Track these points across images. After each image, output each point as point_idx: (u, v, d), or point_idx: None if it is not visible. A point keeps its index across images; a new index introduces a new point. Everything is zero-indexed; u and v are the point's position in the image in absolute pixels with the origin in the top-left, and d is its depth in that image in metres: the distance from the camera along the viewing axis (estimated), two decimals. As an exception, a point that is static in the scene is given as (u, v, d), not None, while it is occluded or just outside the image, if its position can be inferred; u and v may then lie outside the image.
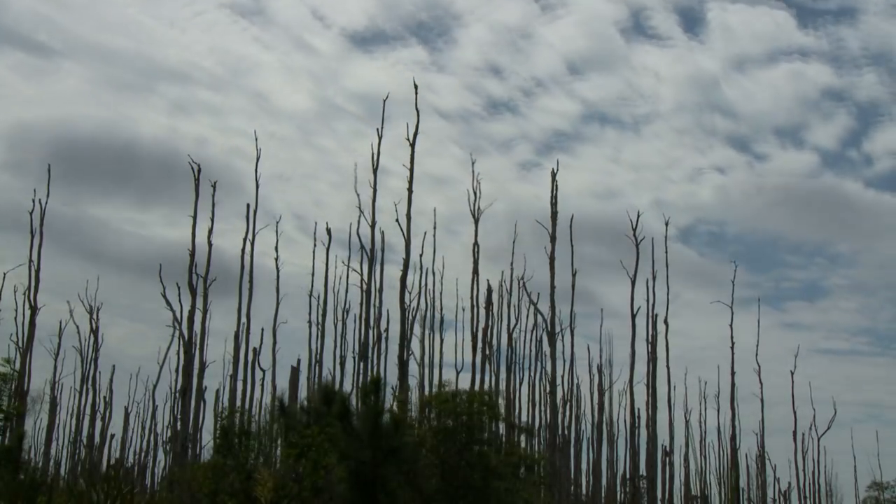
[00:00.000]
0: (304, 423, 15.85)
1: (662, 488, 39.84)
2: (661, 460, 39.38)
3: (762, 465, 45.15)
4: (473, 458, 14.81)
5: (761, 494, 46.71)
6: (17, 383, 29.08)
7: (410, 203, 26.41)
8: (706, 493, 48.68)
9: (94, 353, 39.19)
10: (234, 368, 30.76)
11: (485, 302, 33.71)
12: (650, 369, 32.58)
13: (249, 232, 30.22)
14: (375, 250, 28.70)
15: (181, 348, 28.98)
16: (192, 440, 28.95)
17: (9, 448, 16.00)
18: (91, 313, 37.73)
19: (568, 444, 38.55)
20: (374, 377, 19.52)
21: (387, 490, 13.76)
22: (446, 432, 14.93)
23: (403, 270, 26.48)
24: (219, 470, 18.04)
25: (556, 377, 30.02)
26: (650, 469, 34.38)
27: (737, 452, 39.25)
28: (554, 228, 29.39)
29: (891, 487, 50.43)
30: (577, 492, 42.10)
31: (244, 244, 30.19)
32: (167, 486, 25.33)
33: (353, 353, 32.93)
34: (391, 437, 13.84)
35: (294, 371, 32.70)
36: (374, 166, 27.46)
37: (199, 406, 29.07)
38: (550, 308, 29.49)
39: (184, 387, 27.83)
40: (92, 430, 41.72)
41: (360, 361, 29.85)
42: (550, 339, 29.86)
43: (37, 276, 31.17)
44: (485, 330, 33.25)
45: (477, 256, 31.69)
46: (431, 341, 36.62)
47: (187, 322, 27.93)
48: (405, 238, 26.51)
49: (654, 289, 33.30)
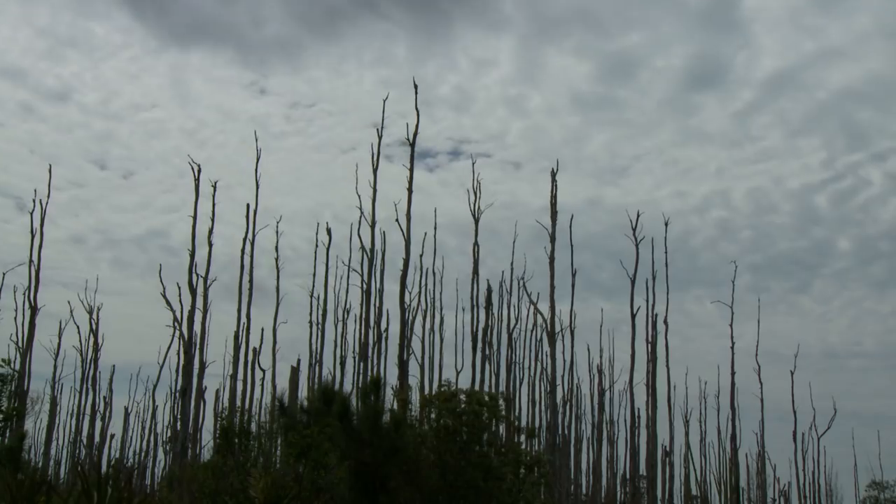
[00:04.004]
0: (304, 423, 15.83)
1: (662, 488, 39.90)
2: (661, 460, 39.42)
3: (762, 465, 45.21)
4: (474, 457, 14.81)
5: (761, 494, 46.74)
6: (17, 383, 29.11)
7: (410, 203, 26.45)
8: (706, 493, 48.69)
9: (94, 353, 39.22)
10: (234, 368, 30.78)
11: (485, 302, 33.76)
12: (650, 369, 32.61)
13: (249, 232, 30.26)
14: (375, 250, 28.74)
15: (181, 348, 28.98)
16: (192, 440, 28.94)
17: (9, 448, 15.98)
18: (91, 313, 37.79)
19: (568, 444, 38.58)
20: (374, 377, 19.52)
21: (387, 490, 13.77)
22: (447, 432, 14.93)
23: (403, 270, 26.50)
24: (219, 470, 18.03)
25: (556, 377, 30.02)
26: (650, 469, 34.38)
27: (737, 452, 39.28)
28: (554, 228, 29.40)
29: (891, 487, 50.49)
30: (577, 492, 42.12)
31: (244, 244, 30.21)
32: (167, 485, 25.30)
33: (353, 353, 33.01)
34: (391, 437, 13.85)
35: (294, 371, 32.72)
36: (374, 166, 27.51)
37: (199, 406, 29.07)
38: (550, 308, 29.51)
39: (184, 387, 27.82)
40: (92, 430, 41.77)
41: (360, 361, 29.87)
42: (550, 339, 29.86)
43: (37, 276, 31.20)
44: (485, 330, 33.28)
45: (477, 256, 31.73)
46: (431, 341, 36.71)
47: (187, 322, 27.94)
48: (405, 238, 26.54)
49: (654, 289, 33.41)
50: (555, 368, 29.87)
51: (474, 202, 30.35)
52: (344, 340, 35.73)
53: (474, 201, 30.35)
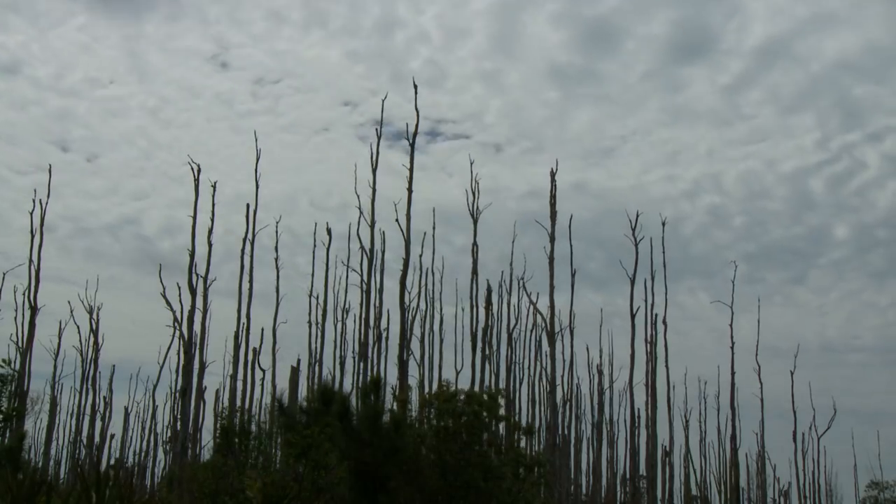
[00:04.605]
0: (303, 423, 15.83)
1: (662, 488, 39.95)
2: (661, 460, 39.45)
3: (762, 465, 45.23)
4: (474, 457, 14.81)
5: (761, 494, 46.77)
6: (17, 383, 29.12)
7: (410, 203, 26.43)
8: (706, 493, 48.71)
9: (95, 353, 39.23)
10: (234, 368, 30.81)
11: (485, 302, 33.77)
12: (649, 369, 32.62)
13: (249, 232, 30.26)
14: (375, 250, 28.73)
15: (181, 348, 28.98)
16: (192, 440, 28.95)
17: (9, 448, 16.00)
18: (91, 313, 37.79)
19: (568, 444, 38.60)
20: (374, 377, 19.51)
21: (387, 490, 13.78)
22: (447, 432, 14.93)
23: (403, 270, 26.49)
24: (219, 470, 18.04)
25: (556, 377, 30.03)
26: (650, 469, 34.39)
27: (737, 452, 39.29)
28: (553, 228, 29.38)
29: (891, 487, 50.48)
30: (577, 492, 42.14)
31: (244, 244, 30.21)
32: (167, 485, 25.31)
33: (353, 353, 32.98)
34: (391, 437, 13.86)
35: (294, 371, 32.76)
36: (374, 166, 27.49)
37: (199, 406, 29.08)
38: (550, 308, 29.51)
39: (184, 387, 27.81)
40: (92, 430, 41.80)
41: (360, 361, 29.85)
42: (550, 339, 29.86)
43: (37, 276, 31.19)
44: (485, 330, 33.29)
45: (476, 256, 31.72)
46: (431, 341, 36.72)
47: (187, 322, 27.94)
48: (405, 238, 26.53)
49: (653, 289, 33.42)
50: (554, 368, 29.88)
51: (473, 202, 30.36)
52: (344, 340, 35.80)
53: (473, 201, 30.36)
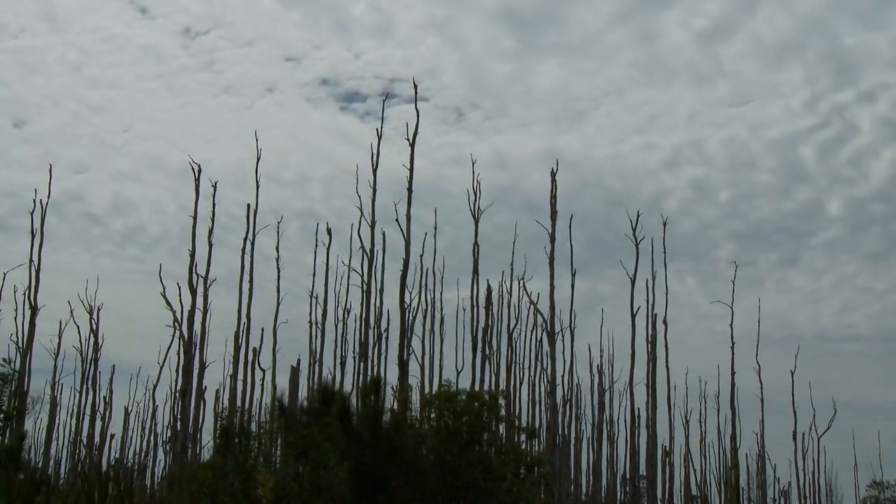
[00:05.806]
0: (303, 423, 15.84)
1: (662, 488, 39.95)
2: (661, 460, 39.46)
3: (762, 465, 45.19)
4: (474, 457, 14.81)
5: (761, 494, 46.73)
6: (17, 383, 29.12)
7: (410, 203, 26.43)
8: (706, 493, 48.70)
9: (95, 353, 39.22)
10: (234, 368, 30.81)
11: (485, 302, 33.76)
12: (650, 369, 32.61)
13: (249, 232, 30.26)
14: (375, 250, 28.73)
15: (181, 348, 28.98)
16: (192, 440, 28.95)
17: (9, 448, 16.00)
18: (91, 313, 37.79)
19: (568, 444, 38.59)
20: (374, 377, 19.54)
21: (387, 490, 13.76)
22: (447, 432, 14.93)
23: (403, 270, 26.48)
24: (219, 470, 18.05)
25: (556, 377, 30.03)
26: (650, 469, 34.38)
27: (737, 452, 39.27)
28: (553, 228, 29.38)
29: (891, 487, 50.45)
30: (577, 492, 42.13)
31: (244, 244, 30.23)
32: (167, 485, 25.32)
33: (353, 353, 32.98)
34: (391, 437, 13.84)
35: (294, 371, 32.77)
36: (374, 166, 27.49)
37: (199, 406, 29.09)
38: (550, 308, 29.50)
39: (184, 387, 27.83)
40: (92, 430, 41.78)
41: (360, 361, 29.86)
42: (550, 339, 29.86)
43: (37, 276, 31.19)
44: (485, 330, 33.28)
45: (477, 256, 31.70)
46: (431, 341, 36.72)
47: (187, 322, 27.95)
48: (405, 238, 26.53)
49: (654, 288, 33.40)
50: (554, 368, 29.87)
51: (474, 202, 30.37)
52: (344, 340, 35.76)
53: (474, 201, 30.36)
